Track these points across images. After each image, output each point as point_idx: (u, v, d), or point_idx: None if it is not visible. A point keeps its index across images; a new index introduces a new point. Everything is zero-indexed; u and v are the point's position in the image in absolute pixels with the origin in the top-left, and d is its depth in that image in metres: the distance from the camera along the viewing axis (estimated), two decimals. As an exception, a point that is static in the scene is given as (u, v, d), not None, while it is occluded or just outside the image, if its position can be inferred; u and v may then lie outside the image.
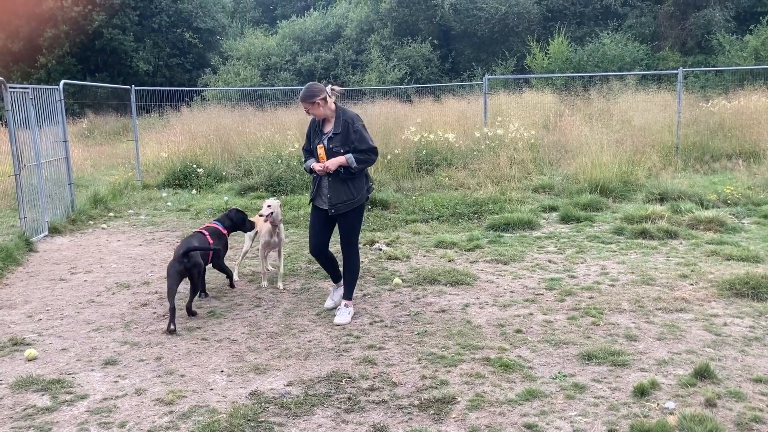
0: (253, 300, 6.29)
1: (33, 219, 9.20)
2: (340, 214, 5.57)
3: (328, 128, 5.49)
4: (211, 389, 4.36)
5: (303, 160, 5.64)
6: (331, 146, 5.44)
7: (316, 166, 5.44)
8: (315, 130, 5.57)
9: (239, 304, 6.17)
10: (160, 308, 6.12)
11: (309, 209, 10.25)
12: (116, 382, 4.52)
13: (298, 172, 12.33)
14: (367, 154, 5.46)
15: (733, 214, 8.75)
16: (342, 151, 5.42)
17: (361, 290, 6.47)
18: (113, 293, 6.63)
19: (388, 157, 13.12)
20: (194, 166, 13.52)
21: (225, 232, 6.58)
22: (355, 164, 5.38)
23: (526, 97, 17.08)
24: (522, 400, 4.06)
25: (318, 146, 5.51)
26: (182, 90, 19.94)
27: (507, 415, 3.88)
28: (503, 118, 14.20)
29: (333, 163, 5.39)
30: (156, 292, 6.60)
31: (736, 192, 9.64)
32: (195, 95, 24.18)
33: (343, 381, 4.42)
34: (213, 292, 6.57)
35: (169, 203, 11.81)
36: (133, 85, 14.86)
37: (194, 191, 12.78)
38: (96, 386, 4.45)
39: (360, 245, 8.23)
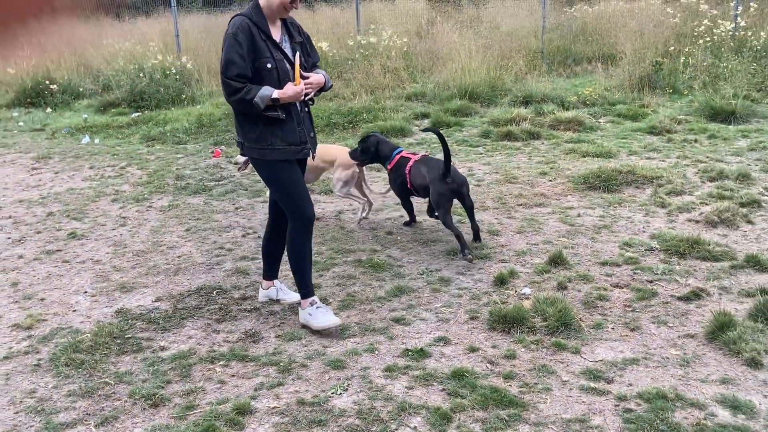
0: (118, 219, 6.02)
1: None
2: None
3: (278, 34, 3.67)
4: (74, 311, 4.20)
5: (244, 94, 3.49)
6: (302, 61, 3.74)
7: (292, 90, 3.57)
8: (261, 40, 3.56)
9: (102, 224, 5.89)
10: (15, 233, 5.74)
11: (177, 124, 9.85)
12: (-33, 311, 4.25)
13: (162, 85, 11.66)
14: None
15: (591, 114, 9.25)
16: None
17: (233, 203, 6.35)
18: (-40, 221, 6.13)
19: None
20: (47, 82, 12.47)
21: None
22: (330, 83, 3.87)
23: (399, 4, 16.86)
24: (391, 296, 4.21)
25: (293, 60, 3.67)
26: (27, -1, 18.06)
27: (376, 312, 4.02)
28: (376, 25, 14.00)
29: (318, 81, 3.71)
30: (9, 217, 6.16)
31: (594, 93, 10.15)
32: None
33: (215, 293, 4.39)
34: (74, 213, 6.22)
35: (21, 123, 10.90)
36: (-34, -7, 13.29)
37: (49, 109, 11.85)
38: (-56, 317, 4.16)
39: (231, 159, 8.03)
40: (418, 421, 2.93)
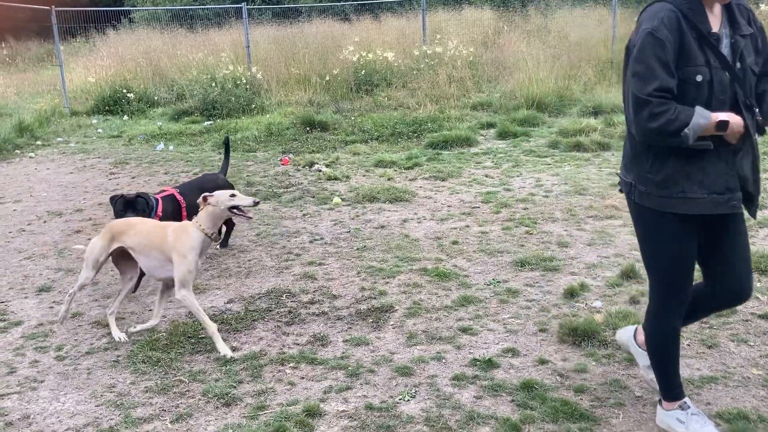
0: (191, 223, 6.21)
1: (-47, 149, 8.76)
2: (739, 215, 2.73)
3: (716, 27, 2.54)
4: (150, 310, 4.34)
5: (667, 122, 2.43)
6: (742, 65, 2.55)
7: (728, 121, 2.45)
8: (693, 40, 2.48)
9: (177, 228, 6.09)
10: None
11: (247, 132, 10.11)
12: (51, 307, 4.45)
13: (233, 95, 11.98)
14: None
15: (663, 126, 9.00)
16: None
17: (301, 210, 6.46)
18: (44, 221, 6.44)
19: (327, 78, 12.89)
20: (124, 90, 12.99)
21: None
22: None
23: (465, 14, 16.86)
24: (457, 305, 4.20)
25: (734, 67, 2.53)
26: (108, 10, 18.90)
27: (443, 320, 4.01)
28: (442, 35, 14.03)
29: None
30: (90, 219, 6.44)
31: (666, 104, 9.88)
32: (122, 17, 23.01)
33: (284, 296, 4.47)
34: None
35: (99, 130, 11.39)
36: (53, 6, 13.99)
37: (126, 117, 12.33)
38: (30, 312, 4.38)
39: (299, 167, 8.17)
40: (486, 431, 2.91)
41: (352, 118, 10.81)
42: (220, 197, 3.71)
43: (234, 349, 3.75)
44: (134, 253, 3.88)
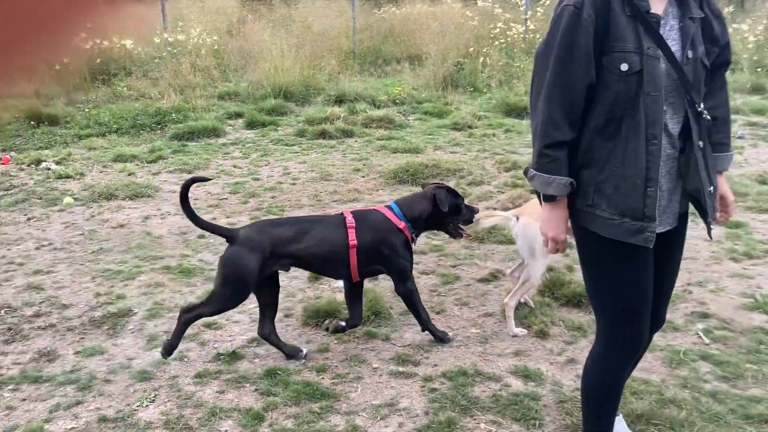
0: None
1: None
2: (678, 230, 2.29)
3: (661, 7, 2.05)
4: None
5: (544, 159, 2.11)
6: (694, 54, 2.07)
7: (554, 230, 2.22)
8: (625, 16, 1.99)
9: None
10: None
11: None
12: None
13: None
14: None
15: (401, 113, 9.62)
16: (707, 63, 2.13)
17: (25, 214, 5.81)
18: None
19: (56, 67, 11.71)
20: None
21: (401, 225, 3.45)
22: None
23: (208, 1, 16.41)
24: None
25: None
26: None
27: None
28: (185, 23, 13.51)
29: (731, 201, 2.32)
30: None
31: (403, 92, 10.57)
32: None
33: (2, 312, 3.98)
34: None
35: None
36: None
37: None
38: None
39: (23, 166, 7.35)
40: (229, 424, 2.87)
41: (87, 110, 9.97)
42: None
43: (-62, 379, 3.26)
44: None
